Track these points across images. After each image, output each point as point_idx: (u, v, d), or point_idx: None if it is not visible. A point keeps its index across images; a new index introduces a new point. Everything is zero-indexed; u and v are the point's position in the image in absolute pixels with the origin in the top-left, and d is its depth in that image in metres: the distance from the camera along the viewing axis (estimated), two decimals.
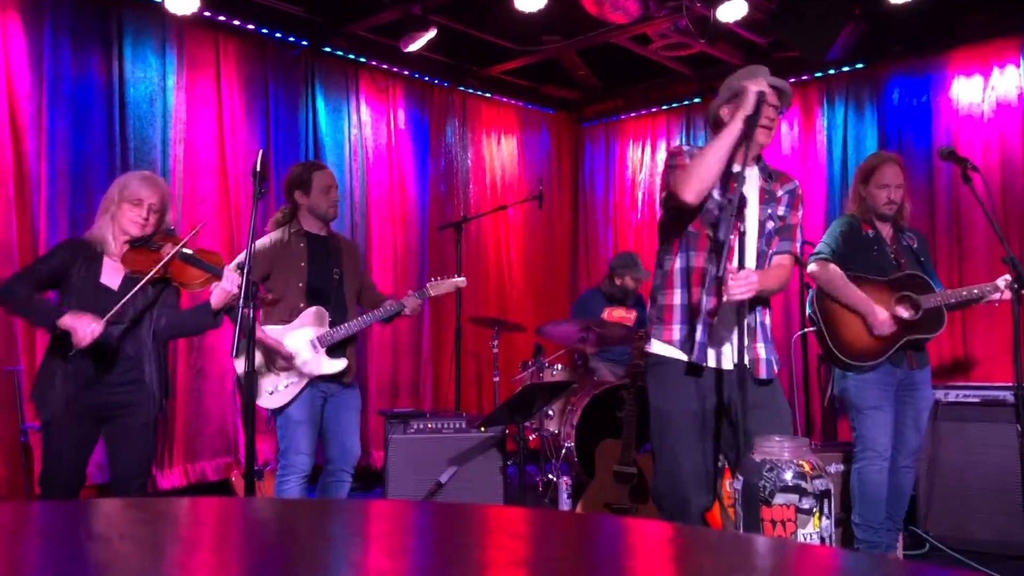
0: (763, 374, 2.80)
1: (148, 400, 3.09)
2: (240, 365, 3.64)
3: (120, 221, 3.09)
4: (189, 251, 3.13)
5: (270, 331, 3.70)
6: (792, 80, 6.65)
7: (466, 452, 4.35)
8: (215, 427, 5.47)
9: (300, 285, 3.77)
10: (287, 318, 3.75)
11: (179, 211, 5.34)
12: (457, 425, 4.42)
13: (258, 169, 2.97)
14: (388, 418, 4.49)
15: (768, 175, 2.93)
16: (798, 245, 2.95)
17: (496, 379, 5.64)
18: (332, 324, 3.78)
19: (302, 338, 3.73)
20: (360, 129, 6.42)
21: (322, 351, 3.75)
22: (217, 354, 5.43)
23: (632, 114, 7.75)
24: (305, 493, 3.74)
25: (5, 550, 0.95)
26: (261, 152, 3.01)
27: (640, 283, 5.81)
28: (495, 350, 5.61)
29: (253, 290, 2.89)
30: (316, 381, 3.73)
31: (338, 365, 3.78)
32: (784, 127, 6.66)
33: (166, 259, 3.05)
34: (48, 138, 4.81)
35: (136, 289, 3.01)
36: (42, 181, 4.76)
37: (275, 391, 3.69)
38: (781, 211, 2.92)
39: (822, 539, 2.17)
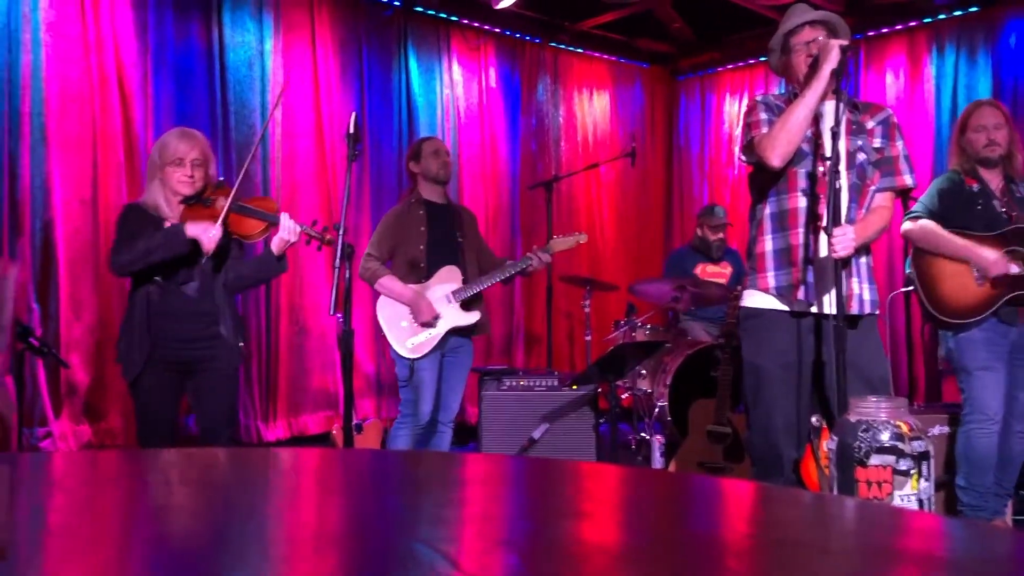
0: (854, 309, 2.75)
1: (227, 353, 3.16)
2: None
3: (169, 183, 3.13)
4: (243, 203, 3.16)
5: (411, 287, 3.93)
6: (899, 27, 6.34)
7: (558, 410, 4.39)
8: (317, 383, 5.66)
9: (421, 247, 3.98)
10: (414, 279, 3.96)
11: (278, 174, 5.50)
12: (549, 383, 4.46)
13: (351, 131, 3.00)
14: (482, 375, 4.55)
15: (854, 106, 2.85)
16: (906, 177, 2.85)
17: (588, 338, 5.65)
18: (463, 281, 4.00)
19: (438, 293, 3.94)
20: (452, 89, 6.45)
21: (456, 304, 3.95)
22: (319, 312, 5.60)
23: (728, 66, 7.55)
24: (415, 444, 3.90)
25: (111, 496, 1.01)
26: (354, 114, 3.05)
27: (719, 232, 5.69)
28: (587, 309, 5.60)
29: (348, 250, 2.96)
30: (446, 336, 3.93)
31: (472, 317, 3.99)
32: (889, 77, 6.37)
33: (223, 214, 3.08)
34: (154, 104, 5.01)
35: (216, 229, 3.07)
36: (148, 145, 4.96)
37: (417, 343, 3.90)
38: (877, 143, 2.83)
39: (920, 502, 2.12)
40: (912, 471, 2.11)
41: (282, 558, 0.77)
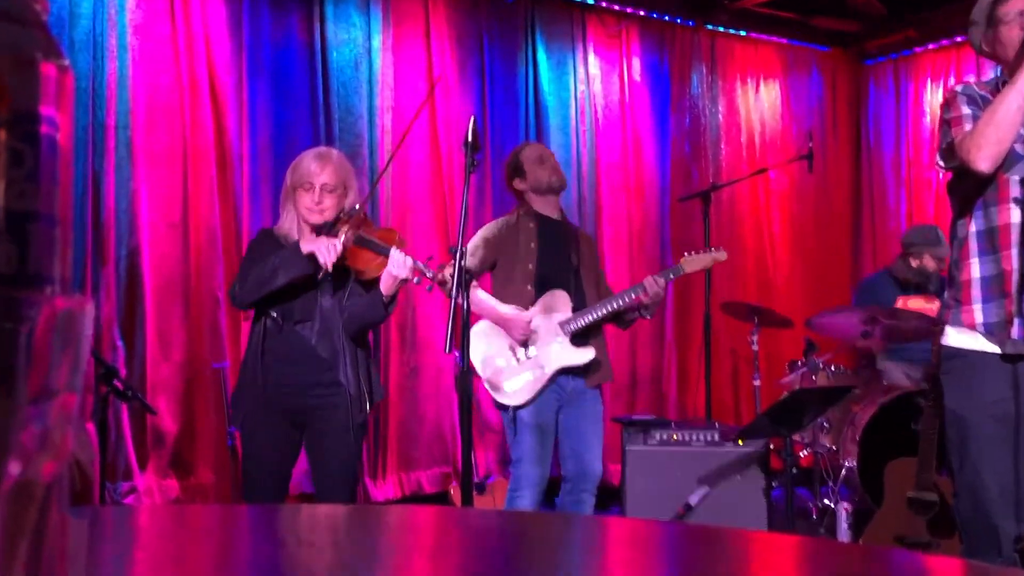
0: None
1: (347, 403, 3.23)
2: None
3: (297, 210, 3.26)
4: (366, 233, 3.25)
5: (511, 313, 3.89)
6: None
7: (720, 470, 4.32)
8: (431, 432, 5.76)
9: (529, 267, 3.95)
10: (517, 302, 3.92)
11: (388, 187, 5.67)
12: (709, 437, 4.40)
13: (469, 138, 3.04)
14: (625, 426, 4.53)
15: None
16: None
17: (757, 382, 5.54)
18: (574, 310, 3.93)
19: (544, 324, 3.89)
20: (588, 84, 6.50)
21: (566, 339, 3.89)
22: (432, 350, 5.71)
23: (929, 46, 7.32)
24: (539, 509, 3.89)
25: (211, 552, 1.06)
26: (473, 119, 3.10)
27: (944, 263, 5.49)
28: (755, 346, 5.50)
29: (467, 277, 3.00)
30: (556, 378, 3.87)
31: (584, 355, 3.89)
32: None
33: (339, 244, 3.16)
34: (249, 112, 5.27)
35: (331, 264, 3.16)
36: (244, 159, 5.21)
37: (517, 387, 3.86)
38: None
39: None
40: None
41: None
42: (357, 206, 3.35)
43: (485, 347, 3.91)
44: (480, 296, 3.91)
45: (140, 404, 4.02)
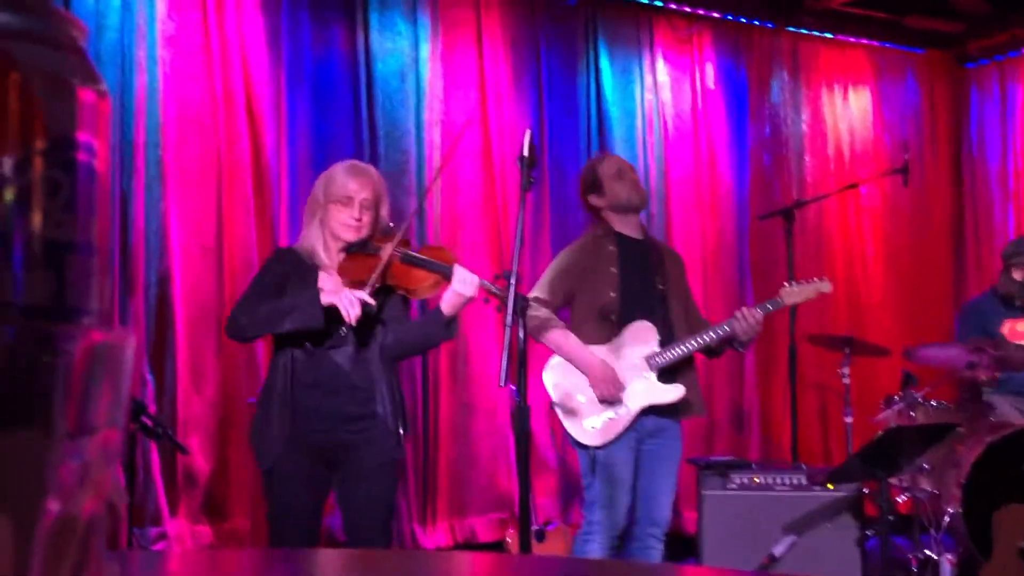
0: None
1: (383, 437, 3.25)
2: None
3: (330, 225, 3.30)
4: (411, 251, 3.29)
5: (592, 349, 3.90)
6: None
7: (808, 517, 4.29)
8: (485, 475, 5.78)
9: (612, 294, 3.95)
10: (598, 335, 3.93)
11: (436, 206, 5.72)
12: (795, 480, 4.38)
13: (525, 153, 3.06)
14: (701, 468, 4.51)
15: None
16: None
17: (848, 419, 5.48)
18: (662, 343, 3.92)
19: (630, 357, 3.90)
20: (656, 93, 6.52)
21: (653, 375, 3.89)
22: (487, 384, 5.72)
23: None
24: (610, 558, 3.89)
25: None
26: (529, 133, 3.12)
27: None
28: (846, 379, 5.45)
29: (522, 304, 3.02)
30: (640, 416, 3.89)
31: (673, 392, 3.90)
32: None
33: (383, 263, 3.21)
34: (288, 126, 5.36)
35: (368, 291, 3.18)
36: (282, 177, 5.30)
37: (597, 425, 3.87)
38: None
39: None
40: None
41: None
42: (391, 224, 3.40)
43: (563, 381, 3.93)
44: (561, 340, 3.93)
45: (171, 443, 4.08)
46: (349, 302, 3.09)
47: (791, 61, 7.07)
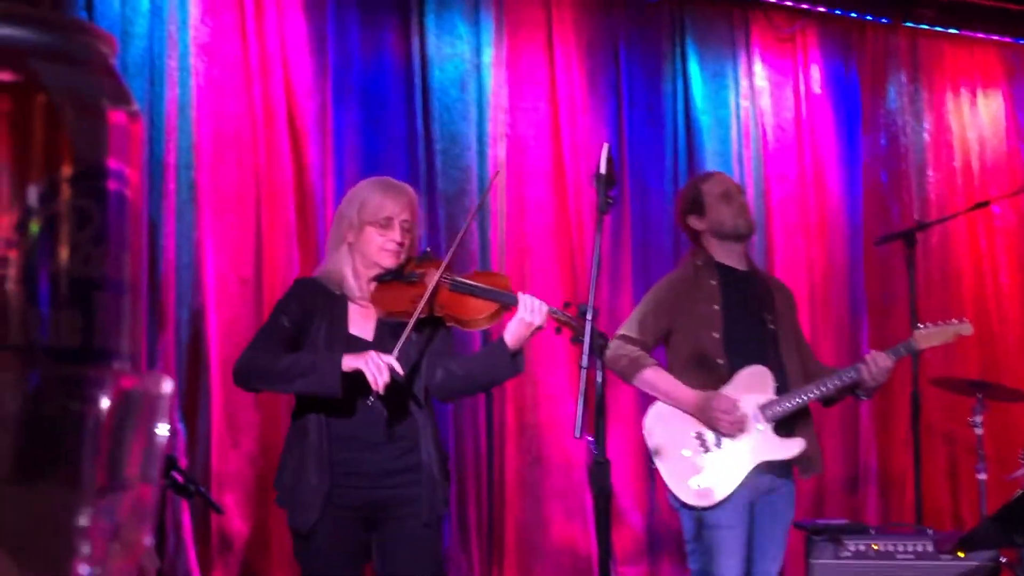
0: None
1: (430, 491, 3.26)
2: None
3: (365, 251, 3.33)
4: (461, 279, 3.30)
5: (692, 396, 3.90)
6: None
7: None
8: (559, 539, 5.75)
9: (715, 335, 3.97)
10: (700, 382, 3.94)
11: (501, 231, 5.74)
12: (919, 547, 4.36)
13: (602, 170, 3.05)
14: (810, 533, 4.47)
15: None
16: None
17: (982, 476, 5.38)
18: (778, 391, 3.94)
19: (741, 407, 3.90)
20: (753, 100, 6.50)
21: (769, 426, 3.90)
22: (560, 433, 5.70)
23: None
24: None
25: None
26: (607, 146, 3.12)
27: None
28: (979, 430, 5.35)
29: (600, 342, 3.02)
30: (753, 473, 3.89)
31: (793, 446, 3.91)
32: None
33: (429, 290, 3.22)
34: (334, 144, 5.42)
35: (405, 335, 3.18)
36: (328, 201, 5.34)
37: (707, 484, 3.87)
38: None
39: None
40: None
41: None
42: (428, 248, 3.45)
43: (666, 433, 3.95)
44: (658, 379, 3.95)
45: (204, 501, 4.11)
46: (377, 367, 3.06)
47: (910, 61, 7.00)
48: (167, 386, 0.55)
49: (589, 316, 3.03)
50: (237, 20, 5.25)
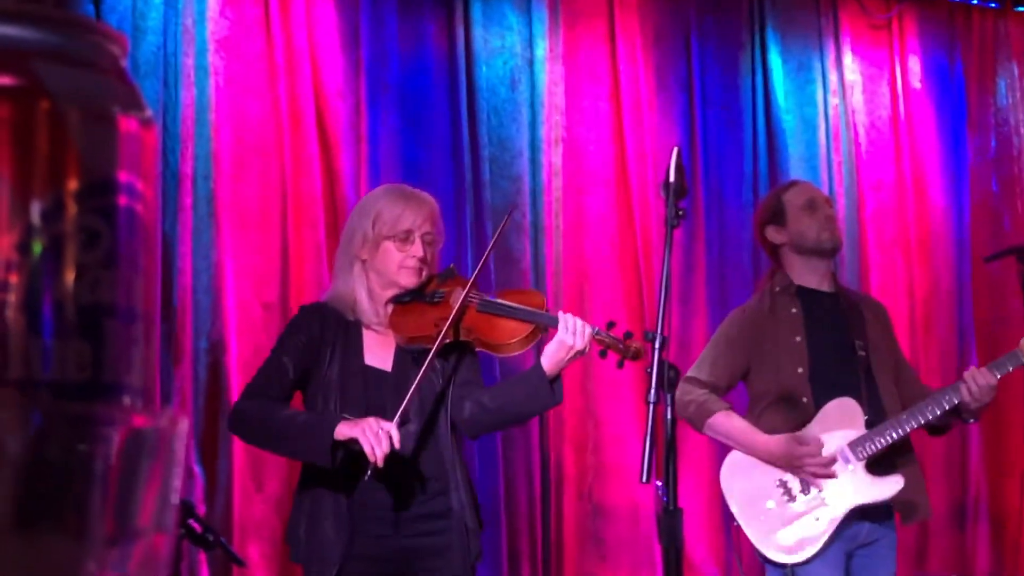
0: None
1: (462, 539, 3.25)
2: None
3: (382, 269, 3.30)
4: (491, 298, 3.30)
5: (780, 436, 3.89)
6: None
7: None
8: None
9: (799, 371, 3.96)
10: (785, 423, 3.93)
11: (557, 247, 5.73)
12: None
13: (672, 178, 3.02)
14: None
15: None
16: None
17: None
18: (869, 424, 3.90)
19: (828, 446, 3.88)
20: (844, 96, 6.45)
21: (860, 465, 3.87)
22: (624, 479, 5.66)
23: None
24: None
25: None
26: (676, 150, 3.09)
27: None
28: None
29: (671, 375, 2.99)
30: (847, 521, 3.86)
31: (889, 488, 3.87)
32: None
33: (455, 312, 3.20)
34: (369, 151, 5.41)
35: (425, 366, 3.15)
36: None
37: (795, 537, 3.85)
38: None
39: None
40: None
41: None
42: (452, 264, 3.44)
43: (745, 486, 3.94)
44: (731, 425, 3.93)
45: (224, 552, 4.12)
46: (375, 436, 3.00)
47: (1023, 51, 6.93)
48: (183, 425, 0.56)
49: (657, 345, 3.00)
50: (260, 12, 5.25)
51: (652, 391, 2.95)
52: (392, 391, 3.23)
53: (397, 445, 3.02)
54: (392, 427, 3.02)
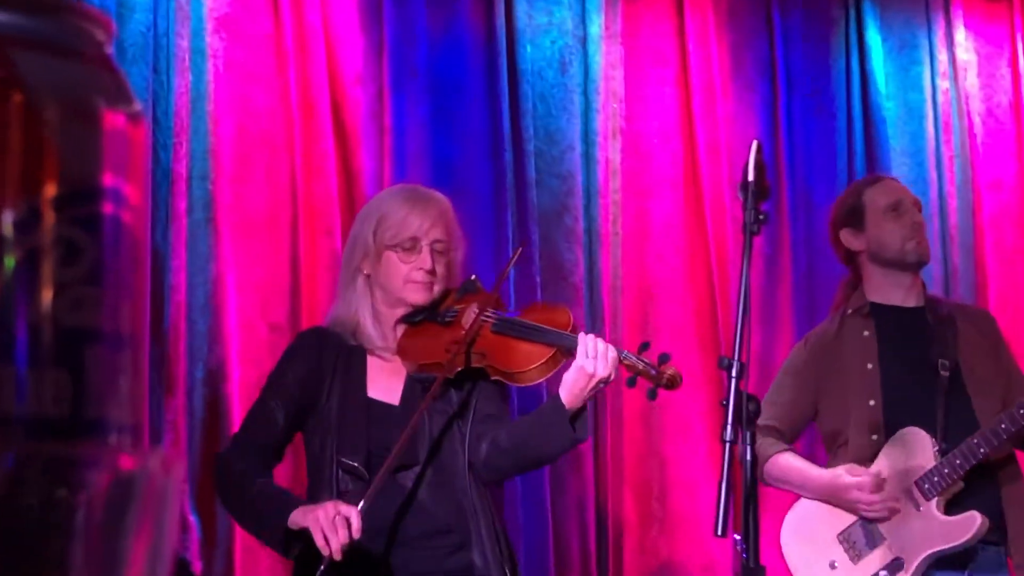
0: None
1: None
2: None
3: (386, 284, 3.33)
4: (507, 314, 3.31)
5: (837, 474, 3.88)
6: None
7: None
8: None
9: (871, 404, 3.97)
10: (859, 463, 3.94)
11: (616, 256, 5.72)
12: None
13: (751, 177, 3.04)
14: None
15: None
16: None
17: None
18: (943, 453, 3.87)
19: (889, 489, 3.89)
20: (955, 79, 6.42)
21: (931, 505, 3.85)
22: (698, 533, 5.65)
23: None
24: None
25: None
26: (756, 144, 3.10)
27: None
28: None
29: (752, 408, 2.99)
30: (922, 570, 3.85)
31: (965, 529, 3.83)
32: None
33: (468, 334, 3.20)
34: (393, 145, 5.41)
35: (428, 399, 3.15)
36: None
37: None
38: None
39: None
40: None
41: None
42: (473, 276, 3.42)
43: (806, 546, 3.96)
44: (789, 465, 3.96)
45: None
46: (330, 526, 2.96)
47: None
48: (177, 467, 0.57)
49: (734, 373, 3.00)
50: None
51: (728, 428, 2.95)
52: (400, 429, 3.16)
53: (356, 534, 2.96)
54: (353, 513, 2.97)
